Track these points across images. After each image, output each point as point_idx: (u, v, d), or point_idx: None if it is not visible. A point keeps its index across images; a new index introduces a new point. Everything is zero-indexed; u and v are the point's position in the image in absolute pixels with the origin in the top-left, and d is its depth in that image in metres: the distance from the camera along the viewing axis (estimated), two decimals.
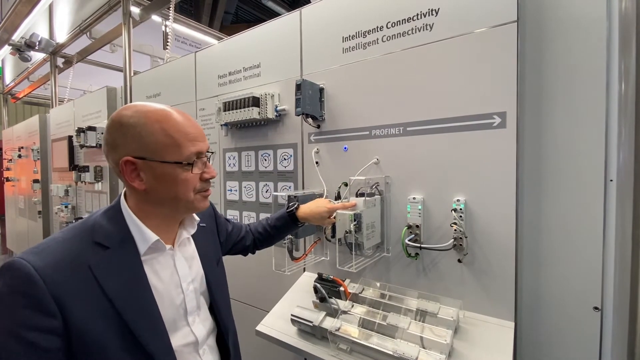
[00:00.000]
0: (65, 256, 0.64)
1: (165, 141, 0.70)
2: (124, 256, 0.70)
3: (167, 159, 0.70)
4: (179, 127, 0.71)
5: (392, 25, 1.15)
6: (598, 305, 0.91)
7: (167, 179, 0.71)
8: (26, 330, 0.57)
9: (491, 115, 0.97)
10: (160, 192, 0.72)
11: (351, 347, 0.98)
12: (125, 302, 0.67)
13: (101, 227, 0.70)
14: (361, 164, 1.21)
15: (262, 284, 1.60)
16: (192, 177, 0.73)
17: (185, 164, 0.71)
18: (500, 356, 0.88)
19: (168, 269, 0.77)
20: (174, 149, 0.70)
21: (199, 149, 0.74)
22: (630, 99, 0.88)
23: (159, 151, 0.70)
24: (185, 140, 0.71)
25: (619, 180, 0.88)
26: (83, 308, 0.62)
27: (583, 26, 0.91)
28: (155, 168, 0.70)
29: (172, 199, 0.74)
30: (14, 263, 0.61)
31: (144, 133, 0.69)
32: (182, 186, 0.72)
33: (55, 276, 0.61)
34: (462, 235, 0.99)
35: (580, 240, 0.92)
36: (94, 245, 0.68)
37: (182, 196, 0.73)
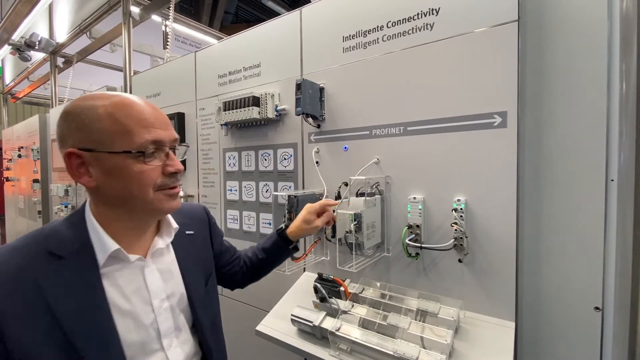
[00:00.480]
0: (10, 268, 0.56)
1: (113, 128, 0.59)
2: (79, 268, 0.60)
3: (116, 149, 0.59)
4: (131, 112, 0.61)
5: (392, 25, 1.15)
6: (599, 305, 0.91)
7: (117, 173, 0.60)
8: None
9: (492, 114, 0.96)
10: (112, 189, 0.62)
11: (351, 347, 0.98)
12: (76, 323, 0.57)
13: (57, 234, 0.62)
14: (361, 164, 1.20)
15: (262, 284, 1.59)
16: (149, 170, 0.62)
17: (136, 153, 0.60)
18: (500, 356, 0.88)
19: (134, 283, 0.66)
20: (124, 136, 0.59)
21: (157, 136, 0.62)
22: (631, 99, 0.88)
23: (107, 140, 0.59)
24: (137, 127, 0.60)
25: (620, 180, 0.88)
26: (26, 329, 0.54)
27: (584, 26, 0.91)
28: (103, 160, 0.60)
29: (127, 198, 0.62)
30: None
31: (88, 121, 0.59)
32: (135, 181, 0.61)
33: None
34: (463, 235, 0.99)
35: (581, 240, 0.92)
36: (47, 255, 0.59)
37: (137, 194, 0.62)
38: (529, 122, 0.97)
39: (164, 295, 0.70)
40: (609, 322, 0.90)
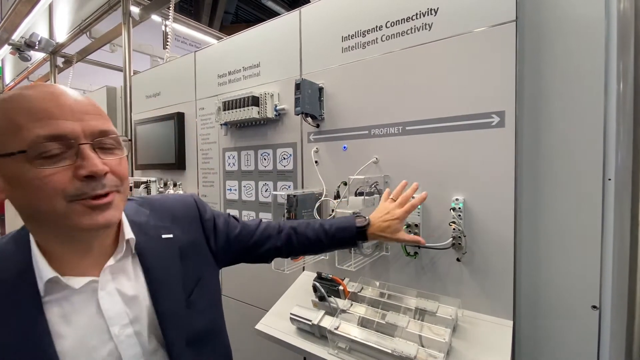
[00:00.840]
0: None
1: (2, 125, 0.48)
2: (19, 296, 0.51)
3: (5, 150, 0.47)
4: (25, 104, 0.48)
5: (391, 25, 1.15)
6: (596, 304, 0.91)
7: (16, 182, 0.48)
8: None
9: (490, 114, 0.97)
10: (18, 202, 0.51)
11: (350, 345, 0.98)
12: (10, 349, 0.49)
13: (1, 255, 0.55)
14: (360, 163, 1.21)
15: (261, 283, 1.60)
16: (49, 175, 0.47)
17: (19, 153, 0.47)
18: (498, 355, 0.88)
19: (85, 311, 0.55)
20: (13, 134, 0.47)
21: (57, 130, 0.48)
22: (628, 99, 0.88)
23: (1, 142, 0.48)
24: (29, 120, 0.47)
25: (617, 179, 0.89)
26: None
27: (582, 26, 0.91)
28: (1, 167, 0.48)
29: (36, 212, 0.50)
30: None
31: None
32: (36, 191, 0.47)
33: None
34: (461, 234, 1.00)
35: (579, 239, 0.92)
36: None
37: (43, 207, 0.48)
38: (527, 122, 0.98)
39: (126, 320, 0.58)
40: (607, 320, 0.91)
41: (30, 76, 4.93)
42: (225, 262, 0.84)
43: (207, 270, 0.75)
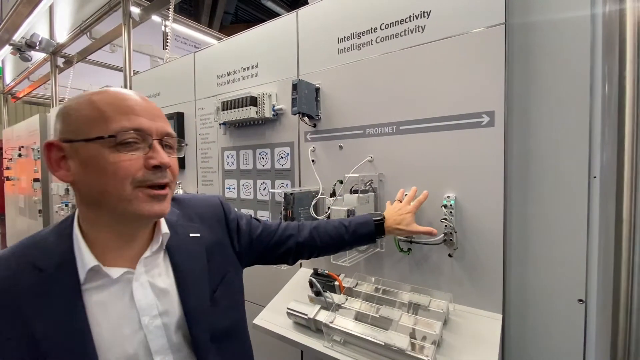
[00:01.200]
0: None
1: (90, 114, 0.54)
2: (59, 284, 0.55)
3: (92, 135, 0.53)
4: (112, 100, 0.56)
5: (385, 27, 1.18)
6: (582, 297, 0.94)
7: (92, 164, 0.53)
8: None
9: (480, 114, 1.00)
10: (87, 184, 0.55)
11: (345, 338, 1.01)
12: (54, 346, 0.52)
13: (43, 244, 0.58)
14: (355, 162, 1.24)
15: (259, 281, 1.63)
16: (125, 160, 0.54)
17: (109, 138, 0.53)
18: (487, 346, 0.91)
19: (120, 301, 0.59)
20: (100, 122, 0.53)
21: (138, 124, 0.55)
22: (613, 100, 0.91)
23: (84, 128, 0.54)
24: (116, 113, 0.54)
25: (602, 177, 0.91)
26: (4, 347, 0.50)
27: (568, 29, 0.94)
28: (80, 151, 0.54)
29: (103, 195, 0.55)
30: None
31: (71, 111, 0.55)
32: (110, 173, 0.53)
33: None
34: (452, 230, 1.03)
35: (566, 235, 0.95)
36: (31, 267, 0.55)
37: (112, 189, 0.54)
38: (515, 122, 1.00)
39: (156, 311, 0.61)
40: (592, 313, 0.94)
41: (30, 76, 4.95)
42: (248, 262, 0.87)
43: (230, 270, 0.77)
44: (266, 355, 1.60)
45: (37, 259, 0.56)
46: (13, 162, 4.94)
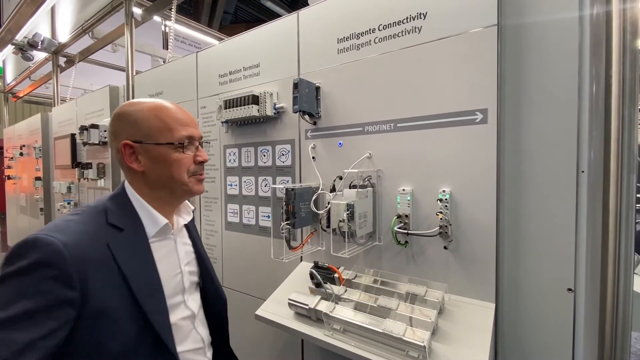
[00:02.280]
0: (86, 235, 0.70)
1: (158, 125, 0.78)
2: (135, 238, 0.78)
3: (161, 141, 0.78)
4: (171, 114, 0.80)
5: (383, 28, 1.22)
6: (571, 286, 0.98)
7: (161, 160, 0.79)
8: (49, 300, 0.61)
9: (474, 112, 1.04)
10: (156, 173, 0.80)
11: (344, 327, 1.05)
12: (136, 279, 0.73)
13: (113, 212, 0.78)
14: (355, 159, 1.28)
15: (260, 275, 1.67)
16: (185, 158, 0.81)
17: (177, 144, 0.79)
18: (481, 333, 0.96)
19: (171, 251, 0.86)
20: (167, 132, 0.79)
21: (190, 133, 0.82)
22: (600, 99, 0.95)
23: (153, 134, 0.78)
24: (176, 125, 0.80)
25: (589, 172, 0.96)
26: (101, 282, 0.68)
27: (557, 31, 0.98)
28: (150, 150, 0.79)
29: (168, 180, 0.81)
30: (40, 239, 0.64)
31: (139, 119, 0.78)
32: (175, 167, 0.80)
33: (78, 252, 0.66)
34: (447, 223, 1.07)
35: (555, 227, 0.99)
36: (108, 226, 0.75)
37: (176, 177, 0.81)
38: (508, 119, 1.05)
39: (186, 261, 0.90)
40: (581, 302, 0.98)
41: (31, 76, 4.98)
42: None
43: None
44: (269, 345, 1.64)
45: (115, 221, 0.76)
46: (14, 160, 4.97)
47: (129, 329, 0.71)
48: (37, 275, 0.62)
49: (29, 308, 0.59)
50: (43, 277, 0.62)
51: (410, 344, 0.90)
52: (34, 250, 0.63)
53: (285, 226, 1.28)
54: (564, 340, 0.99)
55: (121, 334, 0.69)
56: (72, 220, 0.73)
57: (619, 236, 0.95)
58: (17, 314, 0.59)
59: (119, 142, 0.78)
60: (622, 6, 0.93)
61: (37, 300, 0.60)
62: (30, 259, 0.62)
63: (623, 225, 0.95)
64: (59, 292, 0.62)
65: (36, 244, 0.64)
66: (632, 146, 0.94)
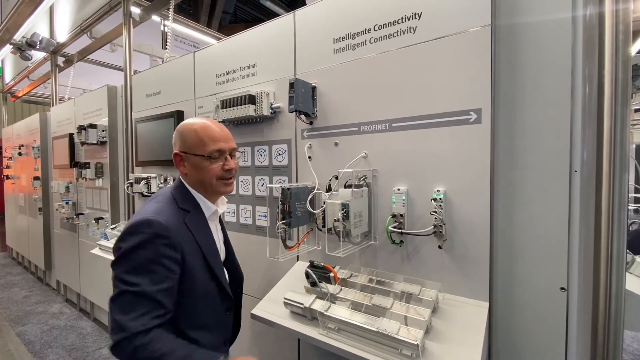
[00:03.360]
0: (172, 216, 0.95)
1: (195, 141, 1.00)
2: (199, 217, 1.03)
3: (197, 153, 1.00)
4: (206, 132, 1.01)
5: (378, 28, 1.23)
6: (564, 285, 0.99)
7: (197, 167, 1.01)
8: (167, 260, 0.89)
9: (468, 111, 1.05)
10: (194, 176, 1.03)
11: (339, 326, 1.06)
12: (206, 247, 1.01)
13: (179, 199, 1.02)
14: (350, 158, 1.29)
15: (256, 274, 1.68)
16: (213, 166, 1.00)
17: (207, 156, 0.99)
18: (474, 332, 0.96)
19: (214, 230, 1.10)
20: (201, 146, 1.00)
21: (220, 147, 1.01)
22: (593, 99, 0.96)
23: (193, 147, 1.00)
24: (208, 140, 1.00)
25: (582, 172, 0.97)
26: (188, 249, 0.95)
27: (551, 31, 0.99)
28: (190, 159, 1.01)
29: (201, 181, 1.03)
30: (151, 220, 0.90)
31: (185, 136, 1.02)
32: (205, 173, 1.01)
33: (174, 228, 0.92)
34: (441, 222, 1.08)
35: (548, 226, 1.00)
36: (179, 209, 0.99)
37: (206, 181, 1.02)
38: (502, 119, 1.05)
39: (221, 241, 1.15)
40: (574, 300, 0.99)
41: (30, 75, 4.98)
42: None
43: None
44: (265, 344, 1.64)
45: (184, 205, 1.01)
46: (13, 160, 4.97)
47: (204, 278, 1.00)
48: (156, 243, 0.88)
49: (158, 264, 0.88)
50: (160, 245, 0.88)
51: (404, 343, 0.91)
52: (149, 227, 0.89)
53: (281, 225, 1.29)
54: (557, 338, 1.00)
55: (202, 281, 0.99)
56: (158, 206, 0.97)
57: (611, 235, 0.96)
58: (154, 269, 0.87)
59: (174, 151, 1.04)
60: (615, 7, 0.94)
61: (162, 260, 0.88)
62: (148, 233, 0.88)
63: (615, 225, 0.95)
64: (172, 254, 0.90)
65: (150, 223, 0.89)
66: (624, 146, 0.95)
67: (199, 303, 0.99)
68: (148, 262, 0.87)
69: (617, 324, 0.97)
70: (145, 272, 0.86)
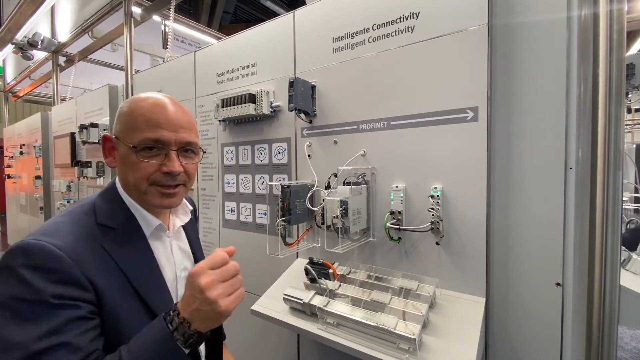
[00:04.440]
0: (79, 237, 0.63)
1: (128, 122, 0.70)
2: (130, 235, 0.71)
3: (126, 140, 0.69)
4: (145, 111, 0.69)
5: (377, 27, 1.25)
6: (560, 281, 1.00)
7: (123, 162, 0.71)
8: (63, 301, 0.55)
9: (465, 110, 1.06)
10: (121, 173, 0.72)
11: (337, 321, 1.07)
12: (138, 278, 0.68)
13: (102, 210, 0.70)
14: (349, 156, 1.30)
15: (255, 271, 1.69)
16: (144, 164, 0.69)
17: (133, 147, 0.68)
18: (470, 327, 0.98)
19: (166, 253, 0.78)
20: (131, 131, 0.69)
21: (159, 136, 0.69)
22: (588, 99, 0.96)
23: (124, 131, 0.70)
24: (144, 125, 0.68)
25: (577, 168, 0.98)
26: (106, 283, 0.62)
27: (546, 31, 1.00)
28: (119, 148, 0.71)
29: (127, 183, 0.72)
30: (29, 244, 0.58)
31: (121, 114, 0.72)
32: (131, 171, 0.70)
33: (77, 254, 0.60)
34: (439, 219, 1.09)
35: (544, 222, 1.01)
36: (98, 226, 0.68)
37: (132, 182, 0.70)
38: (498, 117, 1.07)
39: (182, 266, 0.83)
40: (569, 296, 1.00)
41: (31, 75, 5.00)
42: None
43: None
44: (265, 339, 1.66)
45: (104, 221, 0.69)
46: (14, 159, 4.99)
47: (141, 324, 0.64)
48: (35, 282, 0.55)
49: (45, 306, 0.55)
50: (44, 282, 0.55)
51: (401, 337, 0.92)
52: (22, 257, 0.57)
53: (281, 223, 1.30)
54: (552, 334, 1.01)
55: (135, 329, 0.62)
56: (59, 222, 0.65)
57: (605, 231, 0.97)
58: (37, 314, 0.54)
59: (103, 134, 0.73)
60: (609, 8, 0.95)
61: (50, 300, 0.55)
62: (21, 266, 0.56)
63: (610, 221, 0.97)
64: (71, 293, 0.57)
65: (25, 249, 0.57)
66: (618, 143, 0.96)
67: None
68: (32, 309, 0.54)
69: (611, 320, 0.98)
70: (32, 324, 0.53)
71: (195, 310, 0.59)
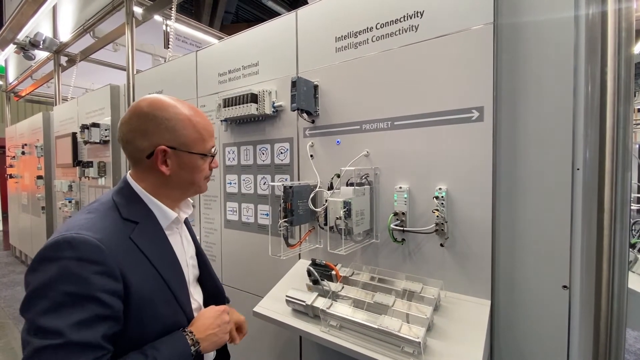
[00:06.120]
0: (110, 230, 0.71)
1: (195, 136, 0.83)
2: (152, 228, 0.81)
3: (195, 151, 0.83)
4: (204, 125, 0.86)
5: (380, 26, 1.23)
6: (567, 284, 0.99)
7: (190, 167, 0.84)
8: (101, 293, 0.63)
9: (470, 109, 1.05)
10: (181, 177, 0.84)
11: (341, 323, 1.06)
12: (163, 265, 0.78)
13: (124, 206, 0.78)
14: (352, 157, 1.29)
15: (259, 273, 1.68)
16: (205, 166, 0.88)
17: (206, 155, 0.86)
18: (475, 330, 0.96)
19: (178, 243, 0.89)
20: (201, 143, 0.84)
21: (213, 144, 0.90)
22: (596, 98, 0.95)
23: (189, 144, 0.82)
24: (208, 137, 0.86)
25: (585, 169, 0.96)
26: (136, 272, 0.71)
27: (553, 30, 0.98)
28: (182, 157, 0.82)
29: (189, 183, 0.86)
30: (74, 237, 0.64)
31: (177, 127, 0.80)
32: (198, 173, 0.86)
33: (112, 246, 0.68)
34: (443, 220, 1.08)
35: (551, 224, 1.00)
36: (124, 221, 0.76)
37: (197, 181, 0.87)
38: (504, 117, 1.05)
39: (189, 254, 0.94)
40: (576, 299, 0.98)
41: (33, 75, 5.01)
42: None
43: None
44: (267, 341, 1.65)
45: (128, 215, 0.77)
46: (16, 159, 5.00)
47: (166, 311, 0.77)
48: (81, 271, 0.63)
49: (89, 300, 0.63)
50: (88, 273, 0.63)
51: (406, 340, 0.91)
52: (69, 249, 0.63)
53: (283, 224, 1.29)
54: (559, 337, 0.99)
55: (161, 315, 0.75)
56: (90, 217, 0.73)
57: (613, 233, 0.95)
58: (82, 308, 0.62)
59: (149, 143, 0.78)
60: (617, 6, 0.93)
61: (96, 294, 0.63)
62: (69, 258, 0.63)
63: (618, 223, 0.95)
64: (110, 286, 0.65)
65: (71, 242, 0.64)
66: (627, 144, 0.95)
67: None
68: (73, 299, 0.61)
69: (619, 323, 0.96)
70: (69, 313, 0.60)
71: (212, 335, 0.81)
